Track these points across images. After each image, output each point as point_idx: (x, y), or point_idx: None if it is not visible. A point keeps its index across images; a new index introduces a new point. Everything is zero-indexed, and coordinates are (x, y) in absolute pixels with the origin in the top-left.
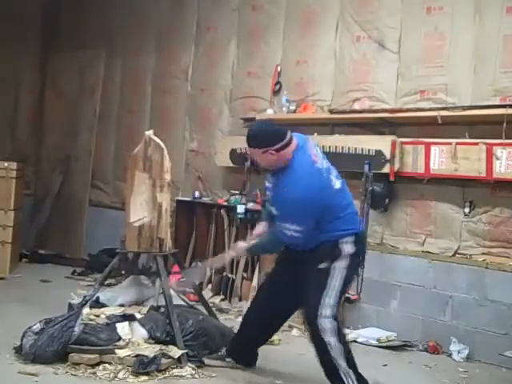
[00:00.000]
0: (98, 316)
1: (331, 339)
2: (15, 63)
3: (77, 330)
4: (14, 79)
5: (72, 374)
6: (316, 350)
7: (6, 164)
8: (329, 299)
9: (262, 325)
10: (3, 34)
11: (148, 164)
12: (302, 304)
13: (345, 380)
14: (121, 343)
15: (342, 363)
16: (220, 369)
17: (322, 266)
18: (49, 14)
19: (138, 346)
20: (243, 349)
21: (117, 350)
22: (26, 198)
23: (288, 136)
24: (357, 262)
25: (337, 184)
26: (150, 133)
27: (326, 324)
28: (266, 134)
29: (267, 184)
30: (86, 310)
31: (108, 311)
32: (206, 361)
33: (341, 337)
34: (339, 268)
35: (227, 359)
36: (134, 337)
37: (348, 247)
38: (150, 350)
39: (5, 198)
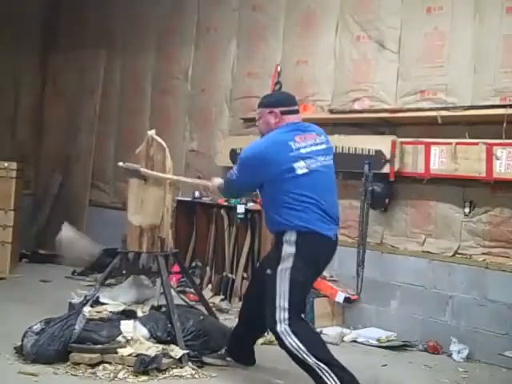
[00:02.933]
0: (99, 312)
1: (295, 340)
2: (15, 63)
3: (77, 327)
4: (14, 79)
5: (72, 374)
6: (288, 355)
7: (6, 164)
8: (282, 303)
9: (251, 321)
10: (3, 34)
11: (150, 164)
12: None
13: (321, 375)
14: (121, 340)
15: (312, 360)
16: (220, 369)
17: (269, 271)
18: (49, 14)
19: (139, 345)
20: (240, 347)
21: (119, 349)
22: (26, 197)
23: (295, 107)
24: (303, 263)
25: (301, 170)
26: (152, 132)
27: (285, 328)
28: (275, 96)
29: None
30: (87, 309)
31: (110, 309)
32: (206, 359)
33: (302, 336)
34: (283, 270)
35: (227, 358)
36: (135, 335)
37: (287, 247)
38: (153, 350)
39: (5, 198)
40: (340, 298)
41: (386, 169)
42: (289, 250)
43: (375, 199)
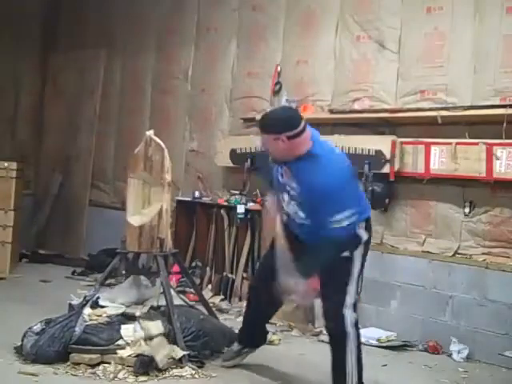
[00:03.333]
0: (99, 316)
1: (351, 330)
2: (15, 63)
3: (78, 329)
4: (14, 79)
5: (72, 374)
6: (333, 341)
7: (6, 164)
8: (352, 288)
9: (266, 301)
10: (3, 34)
11: (148, 164)
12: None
13: (348, 379)
14: (122, 343)
15: (353, 360)
16: (220, 369)
17: (346, 254)
18: (49, 14)
19: (139, 346)
20: (252, 333)
21: (118, 351)
22: (26, 197)
23: (302, 125)
24: (367, 249)
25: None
26: (150, 133)
27: (350, 314)
28: (278, 120)
29: (281, 179)
30: (87, 311)
31: (109, 311)
32: (225, 363)
33: (358, 329)
34: (358, 256)
35: (243, 351)
36: (135, 337)
37: (363, 234)
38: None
39: (5, 198)
40: None
41: (386, 169)
42: (364, 236)
43: (375, 199)
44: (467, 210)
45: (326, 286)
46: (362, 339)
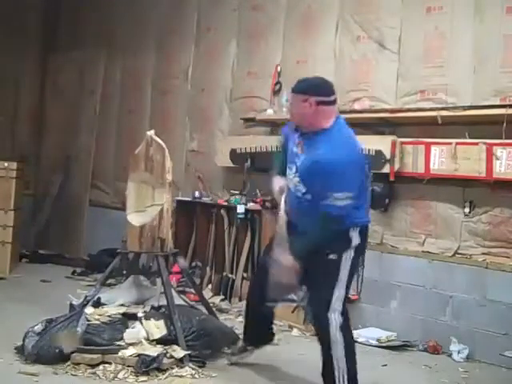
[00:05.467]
0: (101, 315)
1: (338, 336)
2: (15, 63)
3: (79, 330)
4: (14, 79)
5: (72, 374)
6: (320, 344)
7: (6, 164)
8: (339, 292)
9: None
10: (3, 34)
11: (149, 164)
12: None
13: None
14: (123, 344)
15: (340, 366)
16: (220, 369)
17: (333, 256)
18: (49, 14)
19: (141, 346)
20: (257, 330)
21: (121, 350)
22: (26, 197)
23: (332, 97)
24: (358, 256)
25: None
26: (151, 133)
27: (336, 318)
28: (312, 83)
29: (295, 149)
30: (89, 310)
31: (111, 311)
32: (231, 359)
33: (347, 338)
34: (346, 259)
35: (248, 348)
36: (137, 338)
37: (355, 238)
38: (154, 350)
39: (5, 198)
40: None
41: (386, 169)
42: (356, 240)
43: (375, 199)
44: (467, 209)
45: (312, 289)
46: (362, 339)
